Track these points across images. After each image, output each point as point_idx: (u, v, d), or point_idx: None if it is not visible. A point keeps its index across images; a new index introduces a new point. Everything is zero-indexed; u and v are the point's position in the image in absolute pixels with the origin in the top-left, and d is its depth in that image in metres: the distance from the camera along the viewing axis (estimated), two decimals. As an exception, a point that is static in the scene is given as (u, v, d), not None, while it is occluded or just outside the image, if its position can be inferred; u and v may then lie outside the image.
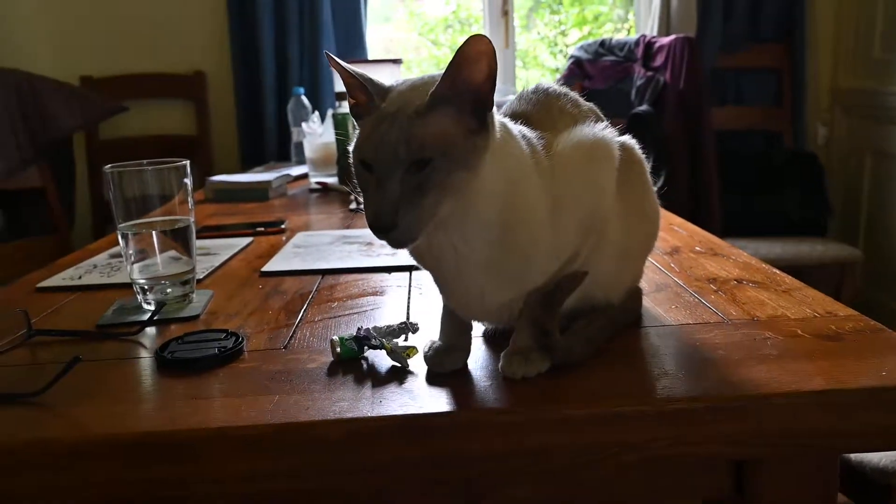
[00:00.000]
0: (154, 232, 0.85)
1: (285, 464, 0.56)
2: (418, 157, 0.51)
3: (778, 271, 0.90)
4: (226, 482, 0.56)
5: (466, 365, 0.66)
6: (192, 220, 0.87)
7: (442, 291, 0.63)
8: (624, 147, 0.70)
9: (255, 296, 0.92)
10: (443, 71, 0.53)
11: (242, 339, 0.73)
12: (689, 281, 0.88)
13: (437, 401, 0.59)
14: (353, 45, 2.73)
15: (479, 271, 0.59)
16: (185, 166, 0.86)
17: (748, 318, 0.74)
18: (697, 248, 1.04)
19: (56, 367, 0.65)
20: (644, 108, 2.12)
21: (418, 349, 0.67)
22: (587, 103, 0.73)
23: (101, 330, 0.81)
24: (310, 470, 0.56)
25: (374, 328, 0.69)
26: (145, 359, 0.72)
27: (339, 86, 2.10)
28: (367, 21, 2.90)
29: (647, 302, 0.80)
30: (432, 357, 0.64)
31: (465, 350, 0.65)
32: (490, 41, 0.51)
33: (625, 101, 2.28)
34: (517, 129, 0.61)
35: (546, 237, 0.59)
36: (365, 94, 0.57)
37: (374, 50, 3.17)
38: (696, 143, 2.07)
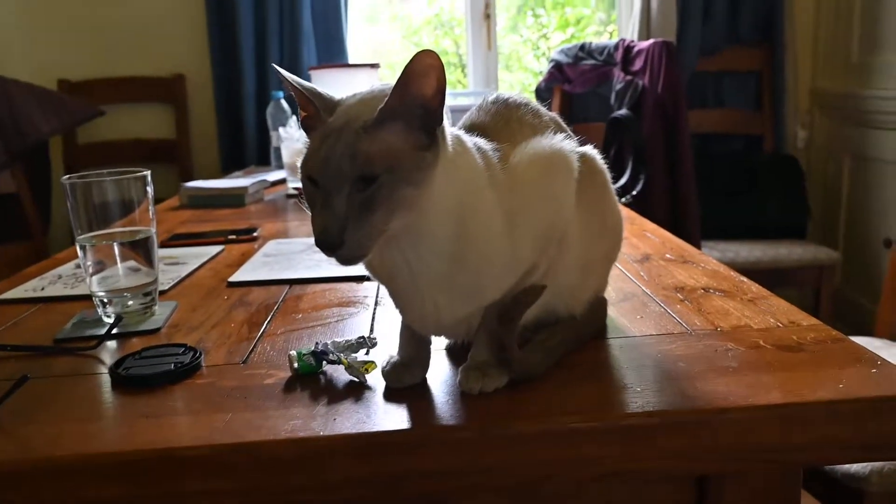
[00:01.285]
0: (114, 243, 0.83)
1: (236, 484, 0.55)
2: (364, 173, 0.51)
3: (745, 279, 0.90)
4: (177, 502, 0.55)
5: (425, 380, 0.65)
6: (153, 230, 0.86)
7: (397, 306, 0.62)
8: (584, 157, 0.69)
9: (220, 307, 0.90)
10: (391, 85, 0.52)
11: (200, 354, 0.72)
12: (657, 290, 0.88)
13: (391, 417, 0.58)
14: (334, 49, 2.72)
15: (433, 287, 0.58)
16: (145, 176, 0.84)
17: (712, 329, 0.74)
18: (668, 256, 1.04)
19: (6, 385, 0.64)
20: (623, 112, 2.12)
21: (377, 364, 0.66)
22: (549, 114, 0.73)
23: (58, 344, 0.79)
24: (262, 490, 0.55)
25: (333, 342, 0.68)
26: (101, 374, 0.71)
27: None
28: (353, 23, 2.89)
29: (612, 312, 0.80)
30: (389, 372, 0.63)
31: (424, 365, 0.65)
32: (438, 56, 0.50)
33: (604, 105, 2.28)
34: (472, 141, 0.61)
35: (501, 251, 0.58)
36: (314, 107, 0.56)
37: (359, 52, 3.16)
38: (674, 146, 2.08)
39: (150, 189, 0.85)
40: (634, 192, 2.08)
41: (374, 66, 1.88)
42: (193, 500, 0.55)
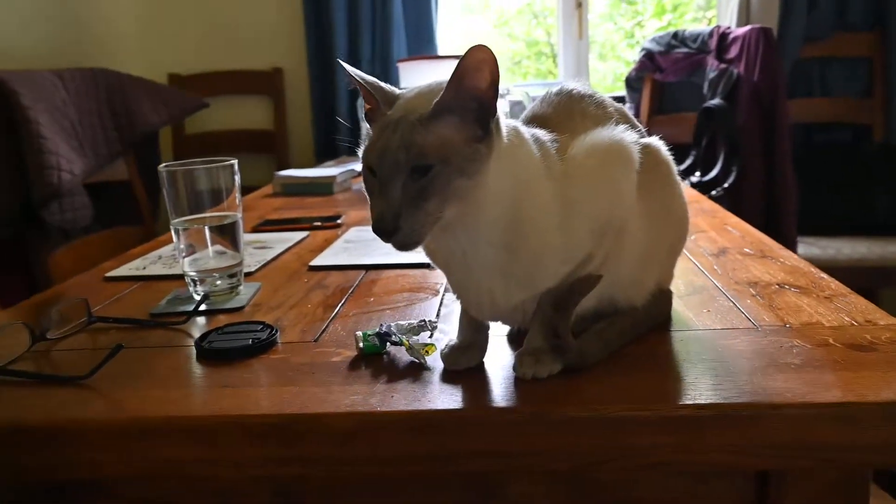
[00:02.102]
0: (204, 227, 0.90)
1: (297, 452, 0.59)
2: (418, 163, 0.53)
3: (825, 276, 0.87)
4: (244, 466, 0.60)
5: (483, 363, 0.67)
6: (239, 215, 0.92)
7: (454, 292, 0.64)
8: (648, 149, 0.69)
9: (300, 289, 0.96)
10: (447, 79, 0.54)
11: (276, 331, 0.77)
12: (729, 284, 0.86)
13: (444, 397, 0.60)
14: (424, 40, 2.76)
15: (487, 274, 0.60)
16: (233, 165, 0.90)
17: (780, 325, 0.72)
18: (746, 250, 1.02)
19: (104, 353, 0.70)
20: (716, 101, 2.06)
21: (437, 346, 0.68)
22: (615, 105, 0.73)
23: (153, 318, 0.87)
24: (323, 459, 0.59)
25: (397, 325, 0.72)
26: (188, 347, 0.77)
27: (405, 81, 2.14)
28: (445, 14, 2.92)
29: (678, 305, 0.79)
30: (448, 355, 0.66)
31: (482, 349, 0.67)
32: (491, 50, 0.52)
33: (697, 95, 2.22)
34: (530, 132, 0.62)
35: (555, 241, 0.59)
36: (375, 100, 0.59)
37: (451, 43, 3.19)
38: (770, 137, 1.99)
39: (237, 177, 0.91)
40: (726, 185, 2.02)
41: (459, 57, 1.89)
42: (261, 464, 0.59)
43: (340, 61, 0.60)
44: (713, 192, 2.03)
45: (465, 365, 0.65)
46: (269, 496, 0.66)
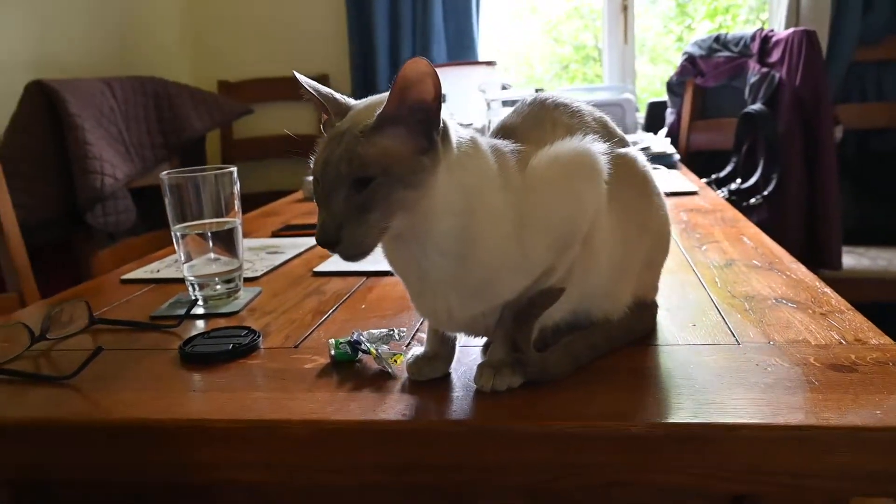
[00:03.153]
0: (204, 233, 0.92)
1: (255, 457, 0.60)
2: (360, 175, 0.53)
3: (829, 292, 0.83)
4: (205, 469, 0.61)
5: (448, 374, 0.67)
6: (238, 222, 0.94)
7: (413, 302, 0.64)
8: (623, 159, 0.68)
9: (297, 295, 0.97)
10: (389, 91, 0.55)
11: (259, 336, 0.78)
12: (725, 298, 0.84)
13: (398, 408, 0.60)
14: (464, 46, 2.77)
15: (442, 285, 0.60)
16: (232, 172, 0.93)
17: (763, 342, 0.69)
18: (755, 262, 0.98)
19: (106, 354, 0.74)
20: (756, 106, 1.99)
21: (405, 356, 0.68)
22: (596, 114, 0.72)
23: (151, 321, 0.89)
24: (279, 465, 0.60)
25: (369, 333, 0.72)
26: (175, 350, 0.79)
27: (437, 88, 2.14)
28: (490, 19, 2.92)
29: (666, 318, 0.78)
30: (412, 365, 0.66)
31: (447, 360, 0.67)
32: (429, 63, 0.52)
33: (738, 99, 2.15)
34: (490, 143, 0.61)
35: (509, 253, 0.59)
36: (328, 111, 0.59)
37: (494, 48, 3.19)
38: (813, 143, 1.92)
39: (236, 185, 0.93)
40: (765, 193, 1.95)
41: (490, 63, 1.89)
42: (218, 468, 0.61)
43: (295, 73, 0.61)
44: (752, 201, 1.97)
45: (428, 376, 0.65)
46: (236, 499, 0.68)
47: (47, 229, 1.95)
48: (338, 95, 0.61)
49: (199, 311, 0.92)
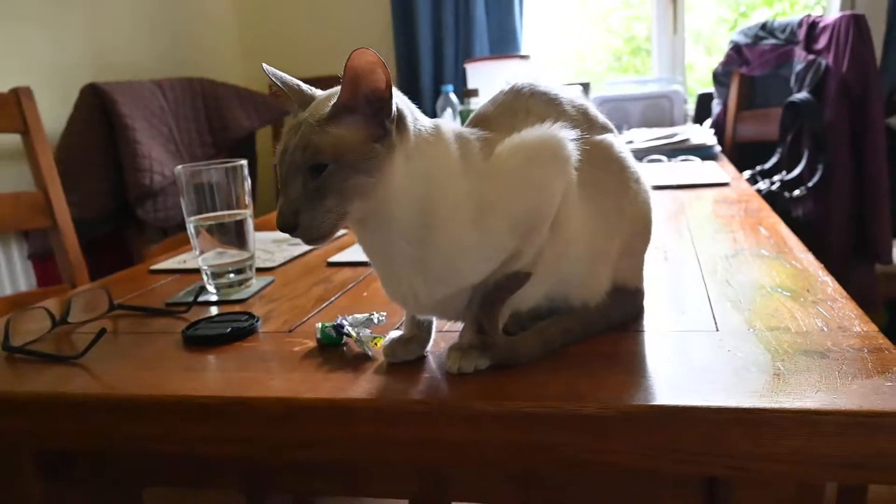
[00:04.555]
0: (217, 225, 0.97)
1: (233, 432, 0.64)
2: (312, 162, 0.56)
3: (828, 280, 0.81)
4: (186, 442, 0.65)
5: (424, 356, 0.69)
6: (249, 213, 0.98)
7: (382, 286, 0.66)
8: (600, 145, 0.69)
9: (307, 284, 1.01)
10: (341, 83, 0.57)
11: (257, 321, 0.82)
12: (720, 286, 0.83)
13: (365, 387, 0.63)
14: (506, 40, 2.77)
15: (406, 269, 0.62)
16: (242, 166, 0.97)
17: (743, 329, 0.69)
18: (763, 252, 0.97)
19: (119, 336, 0.79)
20: (802, 95, 1.93)
21: (384, 339, 0.71)
22: (577, 102, 0.72)
23: (166, 307, 0.94)
24: (257, 441, 0.63)
25: (353, 317, 0.75)
26: (180, 334, 0.83)
27: (472, 82, 2.16)
28: (536, 11, 2.92)
29: (652, 306, 0.78)
30: (387, 347, 0.68)
31: (422, 342, 0.69)
32: (374, 52, 0.54)
33: (785, 88, 2.09)
34: (455, 131, 0.63)
35: (468, 238, 0.60)
36: (294, 101, 0.62)
37: (541, 41, 3.18)
38: (861, 133, 1.85)
39: (247, 178, 0.98)
40: (810, 184, 1.89)
41: (524, 57, 1.90)
42: (202, 441, 0.65)
43: (264, 65, 0.64)
44: (796, 192, 1.91)
45: (402, 357, 0.67)
46: (225, 472, 0.71)
47: (101, 225, 2.06)
48: (304, 86, 0.63)
49: (213, 297, 0.96)
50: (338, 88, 0.59)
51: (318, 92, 0.64)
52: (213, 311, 0.92)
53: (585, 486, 0.66)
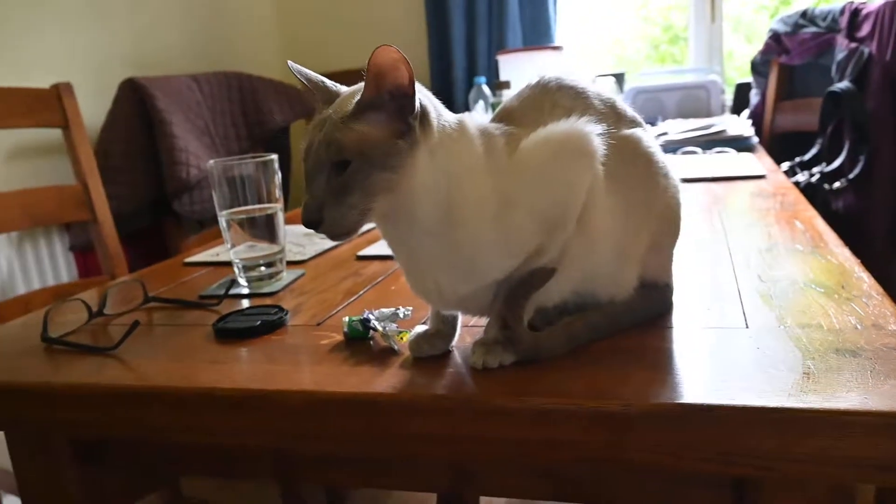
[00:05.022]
0: (248, 219, 0.98)
1: (257, 423, 0.65)
2: (336, 159, 0.56)
3: (864, 276, 0.79)
4: (212, 433, 0.66)
5: (451, 351, 0.69)
6: (279, 207, 0.99)
7: (407, 281, 0.66)
8: (627, 140, 0.68)
9: (336, 277, 1.02)
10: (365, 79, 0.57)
11: (286, 314, 0.83)
12: (751, 281, 0.81)
13: (389, 381, 0.63)
14: (540, 31, 2.74)
15: (430, 265, 0.62)
16: (273, 160, 0.98)
17: (774, 326, 0.68)
18: (798, 246, 0.95)
19: (153, 328, 0.81)
20: (843, 84, 1.88)
21: (410, 334, 0.71)
22: (604, 96, 0.71)
23: (199, 300, 0.96)
24: (278, 432, 0.64)
25: (380, 312, 0.75)
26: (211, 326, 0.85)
27: (504, 74, 2.15)
28: (575, 1, 2.89)
29: (681, 301, 0.77)
30: (413, 342, 0.69)
31: (447, 338, 0.69)
32: (397, 49, 0.54)
33: (826, 78, 2.03)
34: (479, 127, 0.63)
35: (491, 234, 0.60)
36: (318, 98, 0.63)
37: (576, 32, 3.14)
38: (906, 122, 1.79)
39: (277, 172, 0.99)
40: (851, 176, 1.84)
41: (557, 48, 1.88)
42: (229, 433, 0.66)
43: (289, 62, 0.64)
44: (836, 185, 1.86)
45: (427, 352, 0.68)
46: (255, 464, 0.73)
47: (140, 217, 2.10)
48: (328, 82, 0.64)
49: (244, 290, 0.98)
50: (361, 85, 0.59)
51: (343, 88, 0.64)
52: (245, 303, 0.94)
53: (611, 483, 0.65)
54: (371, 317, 0.74)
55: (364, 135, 0.56)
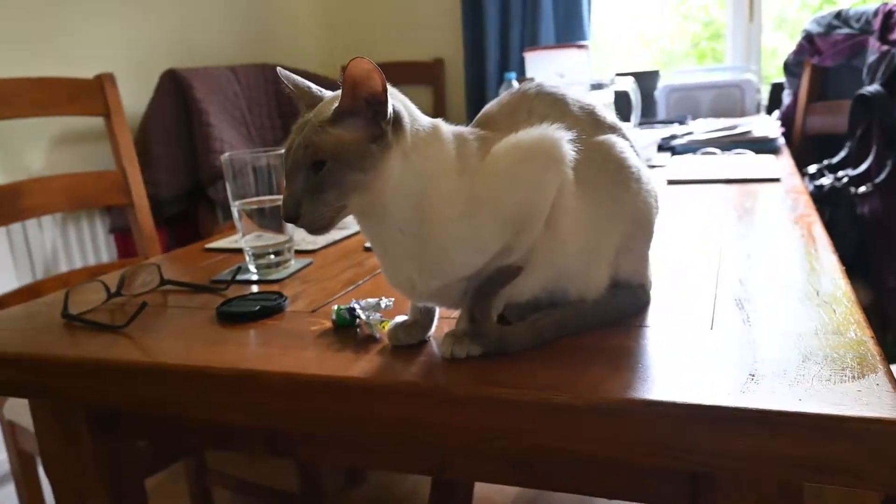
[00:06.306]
0: (258, 209, 1.04)
1: (246, 402, 0.70)
2: (313, 159, 0.61)
3: (843, 284, 0.81)
4: (206, 408, 0.72)
5: (427, 341, 0.73)
6: (288, 200, 1.04)
7: (384, 274, 0.71)
8: (598, 145, 0.71)
9: (341, 267, 1.07)
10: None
11: (285, 301, 0.89)
12: (731, 285, 0.84)
13: (362, 367, 0.68)
14: (573, 28, 2.75)
15: (404, 260, 0.66)
16: (282, 154, 1.03)
17: (736, 328, 0.70)
18: (788, 252, 0.96)
19: (165, 309, 0.88)
20: (873, 87, 1.85)
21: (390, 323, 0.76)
22: (584, 102, 0.74)
23: (210, 284, 1.02)
24: (259, 410, 0.70)
25: (366, 301, 0.80)
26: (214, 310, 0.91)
27: (530, 71, 2.17)
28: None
29: (657, 302, 0.79)
30: (391, 331, 0.73)
31: (424, 328, 0.73)
32: (370, 60, 0.59)
33: (857, 80, 2.00)
34: (454, 131, 0.67)
35: (460, 232, 0.64)
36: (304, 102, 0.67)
37: (610, 27, 3.14)
38: (936, 128, 1.76)
39: (287, 165, 1.04)
40: (878, 180, 1.82)
41: (582, 46, 1.90)
42: (221, 408, 0.71)
43: (279, 68, 0.69)
44: (861, 189, 1.84)
45: (404, 341, 0.72)
46: (249, 439, 0.78)
47: (177, 203, 2.19)
48: (314, 88, 0.68)
49: (253, 277, 1.04)
50: (339, 91, 0.64)
51: (327, 93, 0.69)
52: (254, 289, 1.00)
53: (576, 474, 0.69)
54: (357, 306, 0.79)
55: (339, 138, 0.61)
